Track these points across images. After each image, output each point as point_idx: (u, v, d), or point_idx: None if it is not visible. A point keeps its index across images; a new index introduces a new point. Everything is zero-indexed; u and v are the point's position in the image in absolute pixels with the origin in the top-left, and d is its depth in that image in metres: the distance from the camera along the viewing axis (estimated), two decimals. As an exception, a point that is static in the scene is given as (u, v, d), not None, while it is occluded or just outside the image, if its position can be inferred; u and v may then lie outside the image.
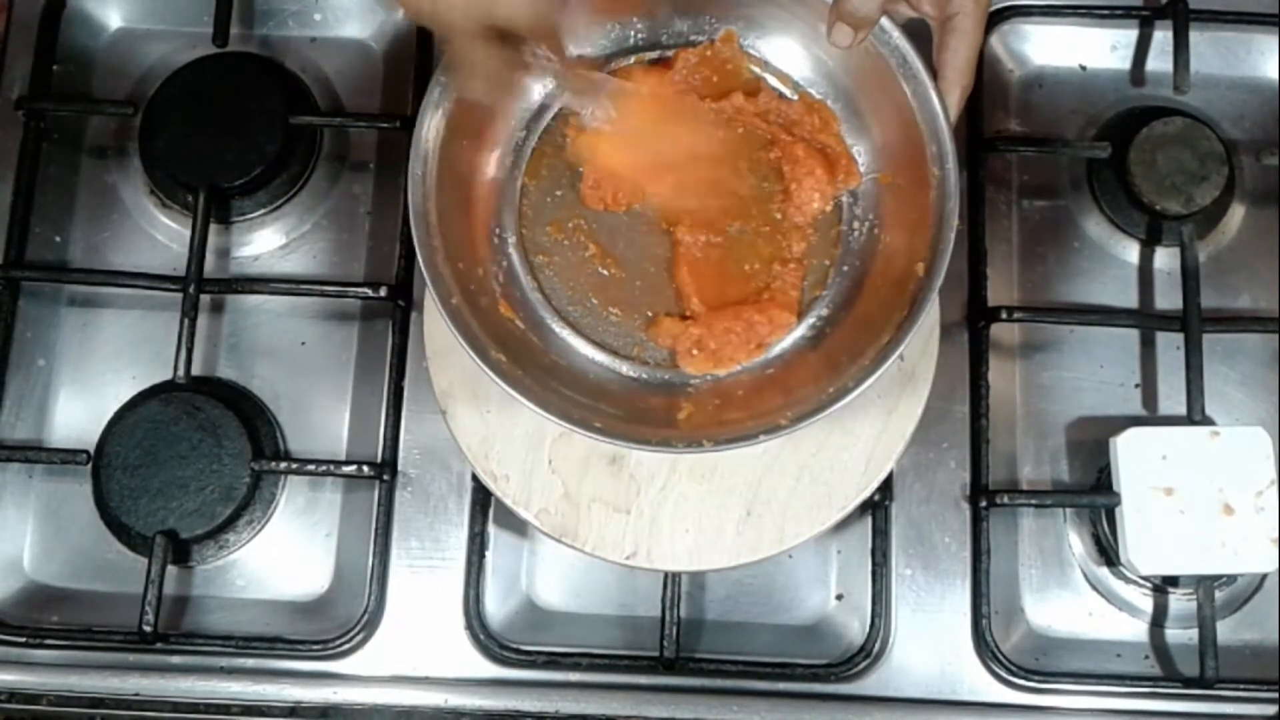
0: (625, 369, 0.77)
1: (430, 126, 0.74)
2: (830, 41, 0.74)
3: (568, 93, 0.76)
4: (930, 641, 0.85)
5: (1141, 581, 0.86)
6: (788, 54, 0.80)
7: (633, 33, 0.81)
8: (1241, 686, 0.83)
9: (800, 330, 0.77)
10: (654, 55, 0.81)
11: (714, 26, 0.80)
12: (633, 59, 0.81)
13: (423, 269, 0.71)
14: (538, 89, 0.79)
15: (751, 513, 0.79)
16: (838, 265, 0.78)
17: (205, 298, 0.90)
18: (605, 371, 0.77)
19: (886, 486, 0.85)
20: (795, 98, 0.80)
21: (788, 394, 0.74)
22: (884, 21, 0.74)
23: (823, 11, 0.74)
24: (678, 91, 0.79)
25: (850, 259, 0.78)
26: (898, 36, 0.74)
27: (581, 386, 0.75)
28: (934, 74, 0.74)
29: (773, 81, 0.80)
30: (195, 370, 0.88)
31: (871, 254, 0.78)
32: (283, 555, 0.89)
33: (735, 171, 0.79)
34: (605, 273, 0.78)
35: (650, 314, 0.77)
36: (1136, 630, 0.87)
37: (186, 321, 0.87)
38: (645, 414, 0.75)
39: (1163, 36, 0.94)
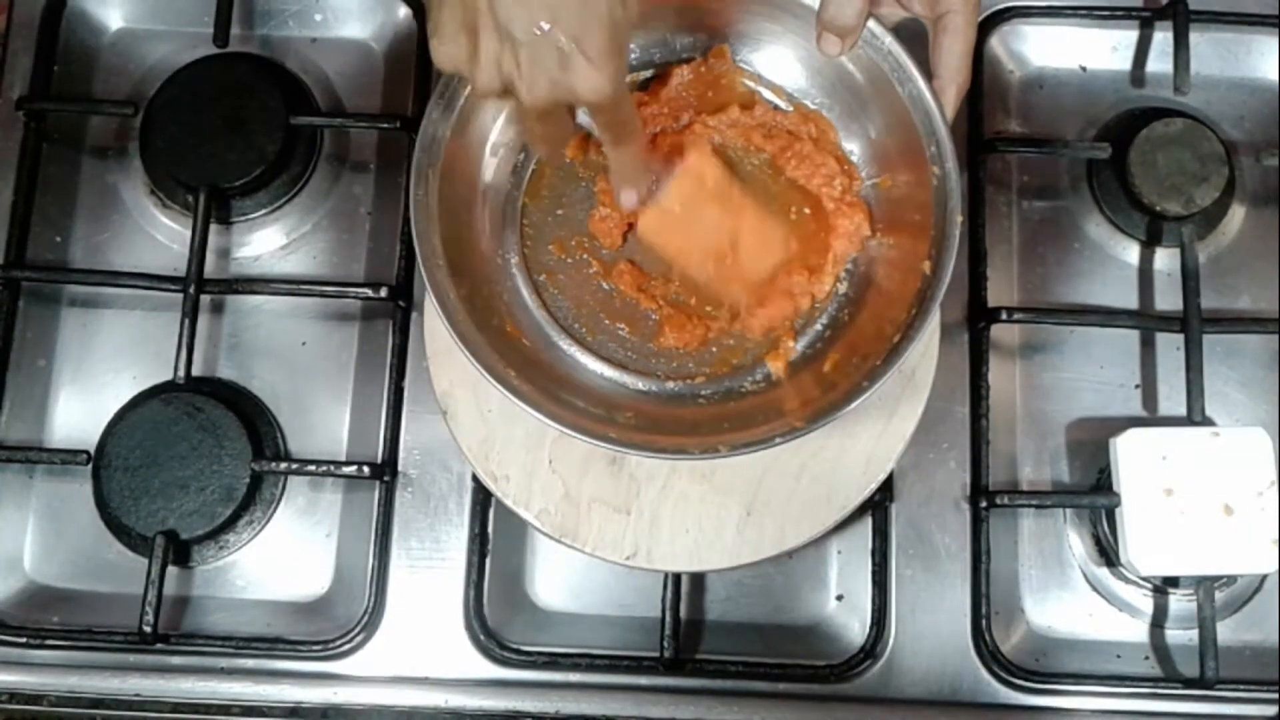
0: (635, 383, 0.77)
1: (431, 150, 0.73)
2: (819, 50, 0.74)
3: (614, 175, 0.72)
4: (930, 642, 0.85)
5: (1141, 582, 0.86)
6: (781, 65, 0.79)
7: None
8: (1241, 687, 0.83)
9: (809, 337, 0.77)
10: (648, 74, 0.80)
11: (706, 42, 0.80)
12: (626, 78, 0.81)
13: (429, 290, 0.71)
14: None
15: (751, 513, 0.79)
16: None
17: (205, 298, 0.90)
18: (615, 386, 0.77)
19: (886, 487, 0.85)
20: (790, 109, 0.80)
21: (799, 397, 0.74)
22: (875, 26, 0.74)
23: (813, 22, 0.74)
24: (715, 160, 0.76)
25: (855, 265, 0.78)
26: (889, 40, 0.74)
27: (592, 399, 0.75)
28: (928, 74, 0.74)
29: (767, 94, 0.80)
30: (195, 370, 0.88)
31: (876, 258, 0.78)
32: (283, 556, 0.89)
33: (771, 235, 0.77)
34: (610, 288, 0.78)
35: (654, 319, 0.77)
36: (1136, 631, 0.87)
37: (187, 322, 0.88)
38: (658, 423, 0.75)
39: (1163, 37, 0.94)
